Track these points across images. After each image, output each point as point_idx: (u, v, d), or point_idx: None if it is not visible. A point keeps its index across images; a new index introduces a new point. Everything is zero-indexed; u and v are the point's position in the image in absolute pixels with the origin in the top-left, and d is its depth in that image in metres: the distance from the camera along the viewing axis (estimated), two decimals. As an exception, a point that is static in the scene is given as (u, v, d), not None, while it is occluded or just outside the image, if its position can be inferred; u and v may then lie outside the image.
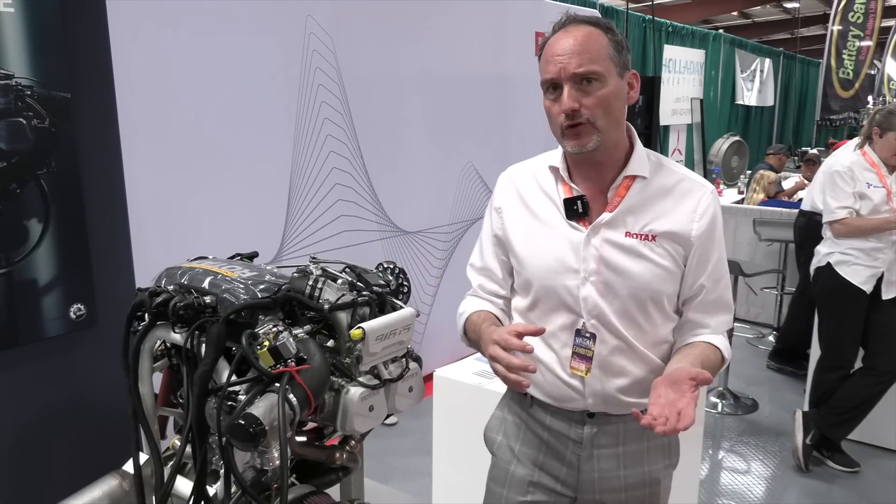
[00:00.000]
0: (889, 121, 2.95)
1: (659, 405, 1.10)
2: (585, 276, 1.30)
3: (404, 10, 3.57)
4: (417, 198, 3.83)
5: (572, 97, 1.22)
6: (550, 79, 1.25)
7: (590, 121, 1.23)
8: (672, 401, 1.10)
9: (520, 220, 1.39)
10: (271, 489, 1.21)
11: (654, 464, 1.39)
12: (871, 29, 9.27)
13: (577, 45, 1.23)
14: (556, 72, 1.23)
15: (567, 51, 1.23)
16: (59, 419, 2.05)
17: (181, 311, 1.29)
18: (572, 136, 1.25)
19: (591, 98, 1.22)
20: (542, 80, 1.28)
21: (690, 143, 9.87)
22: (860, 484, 3.06)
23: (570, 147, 1.26)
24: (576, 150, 1.26)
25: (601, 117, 1.24)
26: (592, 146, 1.25)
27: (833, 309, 3.14)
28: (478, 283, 1.48)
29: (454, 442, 2.28)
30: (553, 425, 1.39)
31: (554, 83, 1.25)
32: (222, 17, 2.68)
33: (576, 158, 1.31)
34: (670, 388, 1.12)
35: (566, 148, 1.29)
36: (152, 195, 2.45)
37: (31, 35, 1.86)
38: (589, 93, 1.22)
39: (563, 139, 1.28)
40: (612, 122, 1.26)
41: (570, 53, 1.22)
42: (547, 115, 1.29)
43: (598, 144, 1.25)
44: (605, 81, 1.23)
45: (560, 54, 1.23)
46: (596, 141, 1.25)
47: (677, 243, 1.29)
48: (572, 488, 1.39)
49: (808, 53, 15.25)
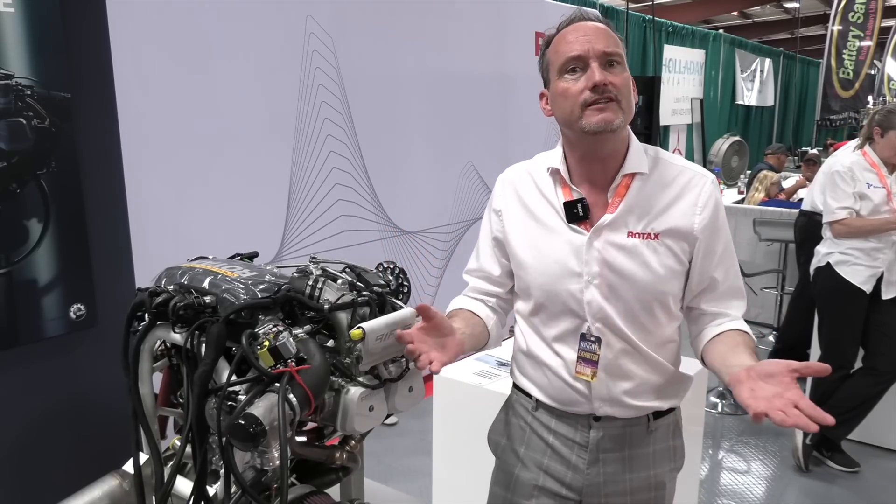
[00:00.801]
0: (889, 120, 2.95)
1: (763, 399, 1.01)
2: (589, 280, 1.29)
3: (404, 10, 3.57)
4: (417, 198, 3.83)
5: (602, 72, 1.21)
6: (577, 55, 1.22)
7: (616, 98, 1.22)
8: (778, 393, 1.01)
9: (520, 224, 1.37)
10: (271, 489, 1.21)
11: (659, 467, 1.39)
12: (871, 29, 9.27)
13: (598, 31, 1.25)
14: (584, 49, 1.22)
15: (590, 34, 1.24)
16: (59, 419, 2.05)
17: (181, 311, 1.29)
18: (598, 110, 1.21)
19: (617, 78, 1.23)
20: (565, 58, 1.24)
21: (690, 143, 9.87)
22: (860, 484, 3.06)
23: (594, 124, 1.21)
24: (599, 128, 1.21)
25: (625, 98, 1.24)
26: (617, 124, 1.22)
27: (833, 309, 3.14)
28: (472, 285, 1.48)
29: (454, 442, 2.28)
30: (558, 429, 1.38)
31: (579, 61, 1.23)
32: (222, 18, 2.68)
33: (585, 147, 1.28)
34: (764, 383, 1.05)
35: (587, 127, 1.22)
36: (152, 195, 2.45)
37: (31, 35, 1.86)
38: (614, 73, 1.23)
39: (582, 119, 1.22)
40: (630, 109, 1.26)
41: (594, 35, 1.23)
42: (562, 97, 1.25)
43: (620, 124, 1.23)
44: (625, 68, 1.25)
45: (584, 35, 1.23)
46: (620, 120, 1.23)
47: (681, 240, 1.28)
48: (577, 492, 1.38)
49: (808, 53, 15.25)
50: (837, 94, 9.55)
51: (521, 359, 1.44)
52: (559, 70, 1.26)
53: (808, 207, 3.89)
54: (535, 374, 1.40)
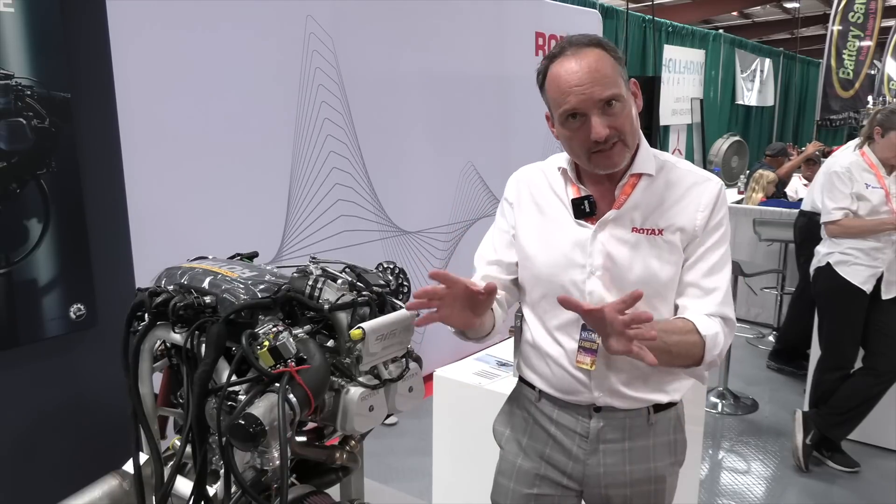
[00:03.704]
0: (891, 120, 2.95)
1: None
2: (591, 271, 1.32)
3: (404, 10, 3.57)
4: (417, 198, 3.83)
5: (601, 125, 1.23)
6: (573, 108, 1.24)
7: (620, 139, 1.26)
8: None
9: (530, 218, 1.41)
10: (271, 489, 1.21)
11: (659, 460, 1.40)
12: (871, 29, 9.26)
13: (591, 71, 1.22)
14: (579, 102, 1.22)
15: (585, 80, 1.22)
16: (59, 419, 2.05)
17: (181, 311, 1.30)
18: (604, 158, 1.26)
19: (617, 119, 1.24)
20: (562, 112, 1.26)
21: (690, 143, 9.87)
22: (860, 484, 3.06)
23: (602, 169, 1.28)
24: (608, 170, 1.29)
25: (628, 134, 1.27)
26: (624, 162, 1.29)
27: (833, 309, 3.14)
28: (484, 273, 1.48)
29: (454, 442, 2.28)
30: (560, 419, 1.40)
31: (576, 111, 1.24)
32: (222, 17, 2.68)
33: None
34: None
35: (596, 170, 1.29)
36: (152, 195, 2.45)
37: (31, 35, 1.86)
38: (614, 115, 1.24)
39: (589, 163, 1.29)
40: (635, 133, 1.30)
41: (589, 82, 1.22)
42: (566, 141, 1.30)
43: (627, 158, 1.29)
44: (624, 101, 1.25)
45: (578, 84, 1.22)
46: (626, 157, 1.29)
47: (683, 237, 1.31)
48: (578, 482, 1.41)
49: (808, 53, 15.24)
50: (837, 94, 9.55)
51: (526, 350, 1.46)
52: (559, 117, 1.28)
53: (809, 208, 3.89)
54: (538, 365, 1.42)
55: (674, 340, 1.24)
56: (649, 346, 1.16)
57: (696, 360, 1.27)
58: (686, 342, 1.25)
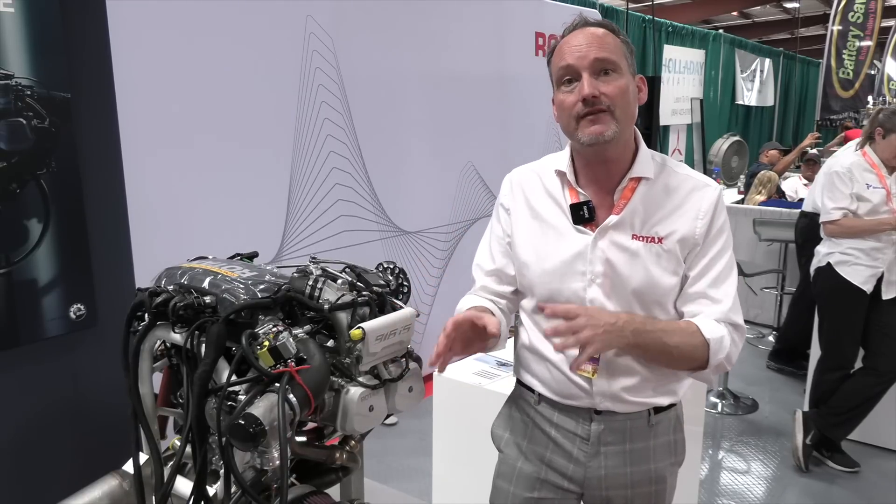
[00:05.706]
0: (893, 122, 2.95)
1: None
2: (592, 278, 1.31)
3: (404, 10, 3.57)
4: (417, 198, 3.83)
5: (591, 84, 1.23)
6: (567, 65, 1.25)
7: (609, 108, 1.24)
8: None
9: (526, 224, 1.39)
10: (271, 489, 1.21)
11: (659, 461, 1.40)
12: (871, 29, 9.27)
13: (593, 38, 1.25)
14: (575, 59, 1.24)
15: (584, 42, 1.25)
16: (59, 419, 2.05)
17: (181, 311, 1.30)
18: (590, 122, 1.24)
19: (609, 86, 1.23)
20: (558, 69, 1.27)
21: (690, 143, 9.87)
22: (860, 484, 3.06)
23: (587, 136, 1.24)
24: (591, 140, 1.24)
25: (619, 107, 1.24)
26: (610, 135, 1.24)
27: (833, 309, 3.13)
28: (482, 283, 1.47)
29: (454, 442, 2.28)
30: (560, 422, 1.40)
31: (571, 72, 1.25)
32: (222, 17, 2.68)
33: (587, 154, 1.31)
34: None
35: (581, 139, 1.25)
36: (152, 195, 2.45)
37: (31, 35, 1.86)
38: (607, 82, 1.24)
39: (577, 130, 1.26)
40: (627, 115, 1.27)
41: (587, 44, 1.24)
42: (559, 109, 1.29)
43: (614, 135, 1.24)
44: (622, 73, 1.25)
45: (577, 45, 1.25)
46: (613, 130, 1.24)
47: (683, 245, 1.30)
48: (579, 485, 1.40)
49: (808, 53, 15.25)
50: (837, 94, 9.56)
51: (524, 354, 1.45)
52: (556, 81, 1.29)
53: (810, 208, 3.88)
54: (537, 369, 1.41)
55: (675, 342, 1.25)
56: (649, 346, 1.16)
57: (701, 363, 1.27)
58: (689, 344, 1.26)
